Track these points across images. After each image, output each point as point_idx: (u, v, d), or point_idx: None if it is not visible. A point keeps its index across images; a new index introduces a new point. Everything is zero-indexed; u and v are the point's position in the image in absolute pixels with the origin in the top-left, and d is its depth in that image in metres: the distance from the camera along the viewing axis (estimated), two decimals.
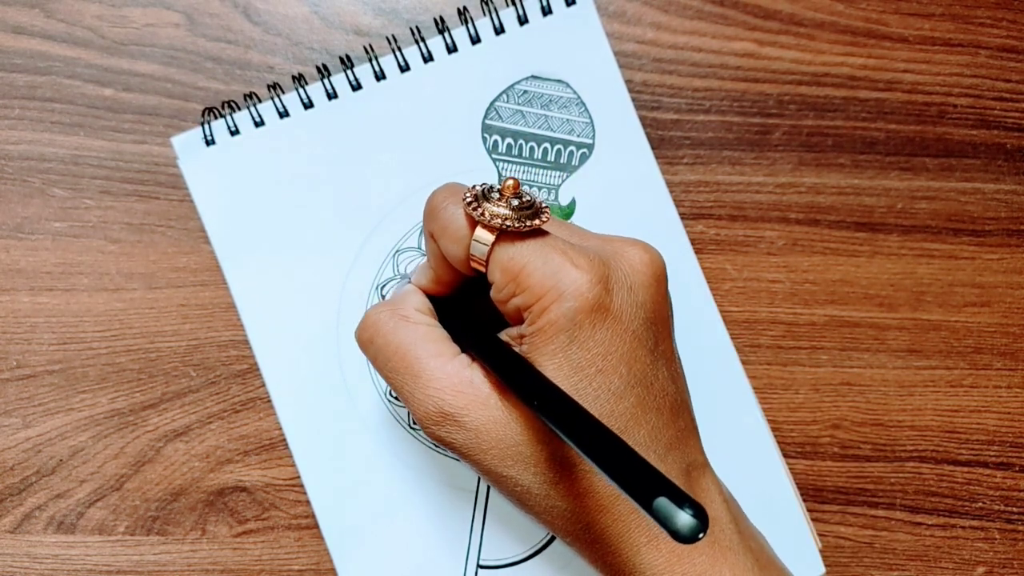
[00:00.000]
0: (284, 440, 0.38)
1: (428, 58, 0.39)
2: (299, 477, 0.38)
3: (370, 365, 0.38)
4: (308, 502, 0.38)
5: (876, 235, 0.40)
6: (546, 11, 0.39)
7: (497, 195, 0.30)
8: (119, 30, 0.39)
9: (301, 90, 0.39)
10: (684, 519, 0.20)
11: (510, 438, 0.29)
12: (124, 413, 0.39)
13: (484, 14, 0.39)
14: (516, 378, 0.28)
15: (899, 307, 0.40)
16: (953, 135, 0.40)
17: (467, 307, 0.34)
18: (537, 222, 0.29)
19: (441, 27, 0.39)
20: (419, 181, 0.39)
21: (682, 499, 0.20)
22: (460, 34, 0.39)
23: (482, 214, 0.29)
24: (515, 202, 0.29)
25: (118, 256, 0.39)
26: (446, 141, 0.39)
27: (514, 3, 0.39)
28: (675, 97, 0.40)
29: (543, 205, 0.30)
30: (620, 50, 0.40)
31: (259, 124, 0.39)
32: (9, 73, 0.39)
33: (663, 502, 0.20)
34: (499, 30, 0.39)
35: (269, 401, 0.38)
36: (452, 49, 0.39)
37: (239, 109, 0.39)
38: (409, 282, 0.34)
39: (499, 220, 0.29)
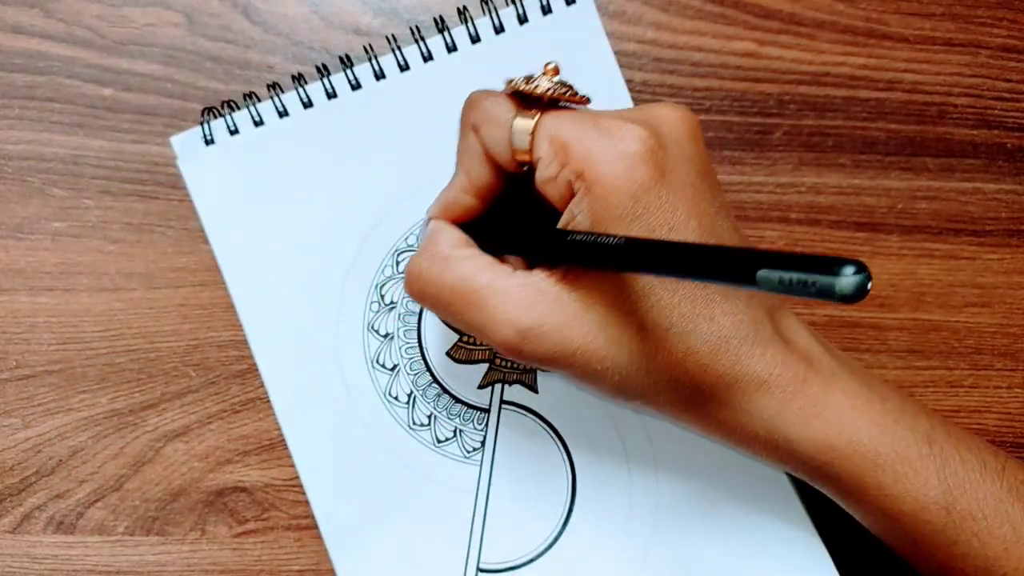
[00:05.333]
0: (283, 440, 0.38)
1: (428, 57, 0.39)
2: (298, 477, 0.38)
3: (370, 364, 0.38)
4: (308, 502, 0.38)
5: (876, 235, 0.40)
6: (546, 10, 0.39)
7: (539, 75, 0.31)
8: (119, 30, 0.39)
9: (301, 90, 0.39)
10: (850, 273, 0.18)
11: (594, 324, 0.29)
12: (124, 413, 0.39)
13: (484, 13, 0.39)
14: (603, 248, 0.27)
15: (899, 307, 0.40)
16: (953, 135, 0.40)
17: (507, 226, 0.33)
18: (582, 96, 0.30)
19: (441, 26, 0.39)
20: (419, 181, 0.39)
21: (836, 261, 0.18)
22: (460, 33, 0.39)
23: (529, 84, 0.30)
24: (557, 79, 0.30)
25: (118, 256, 0.39)
26: (446, 141, 0.39)
27: (514, 2, 0.39)
28: (675, 97, 0.40)
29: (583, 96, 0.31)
30: (620, 50, 0.40)
31: (259, 124, 0.39)
32: (9, 73, 0.39)
33: (821, 268, 0.18)
34: (499, 29, 0.39)
35: (269, 401, 0.38)
36: (452, 48, 0.39)
37: (239, 109, 0.39)
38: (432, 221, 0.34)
39: (546, 89, 0.30)
